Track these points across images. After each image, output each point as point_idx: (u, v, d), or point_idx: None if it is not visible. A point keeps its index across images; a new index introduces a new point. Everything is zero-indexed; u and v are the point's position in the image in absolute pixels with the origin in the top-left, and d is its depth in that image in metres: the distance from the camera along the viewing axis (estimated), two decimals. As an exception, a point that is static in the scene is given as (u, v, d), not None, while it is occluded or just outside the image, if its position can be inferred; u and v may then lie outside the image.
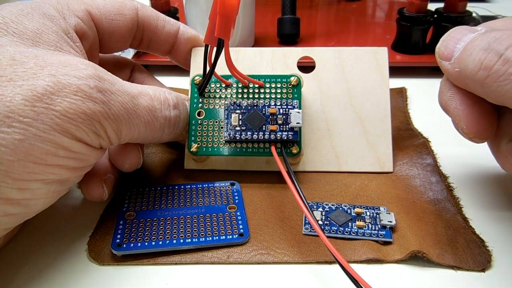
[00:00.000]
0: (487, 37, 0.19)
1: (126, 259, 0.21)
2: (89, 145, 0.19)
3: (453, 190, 0.25)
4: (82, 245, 0.22)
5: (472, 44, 0.19)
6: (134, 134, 0.22)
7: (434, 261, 0.20)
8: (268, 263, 0.21)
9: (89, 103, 0.18)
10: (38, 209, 0.19)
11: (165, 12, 0.39)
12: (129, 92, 0.21)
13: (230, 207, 0.24)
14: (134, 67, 0.30)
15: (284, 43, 0.43)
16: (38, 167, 0.17)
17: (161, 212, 0.23)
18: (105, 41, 0.25)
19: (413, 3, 0.38)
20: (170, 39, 0.28)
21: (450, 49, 0.21)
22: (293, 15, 0.42)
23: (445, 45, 0.21)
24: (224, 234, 0.22)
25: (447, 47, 0.21)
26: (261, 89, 0.26)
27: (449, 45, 0.21)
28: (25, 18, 0.20)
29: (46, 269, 0.21)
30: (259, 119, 0.24)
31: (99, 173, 0.24)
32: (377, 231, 0.22)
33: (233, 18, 0.21)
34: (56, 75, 0.18)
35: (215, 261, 0.21)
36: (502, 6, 0.56)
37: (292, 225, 0.23)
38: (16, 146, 0.17)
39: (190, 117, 0.26)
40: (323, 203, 0.24)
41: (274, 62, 0.28)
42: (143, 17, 0.26)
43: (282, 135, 0.24)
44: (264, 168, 0.27)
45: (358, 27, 0.49)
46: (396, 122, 0.31)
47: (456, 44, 0.20)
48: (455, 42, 0.20)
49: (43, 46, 0.20)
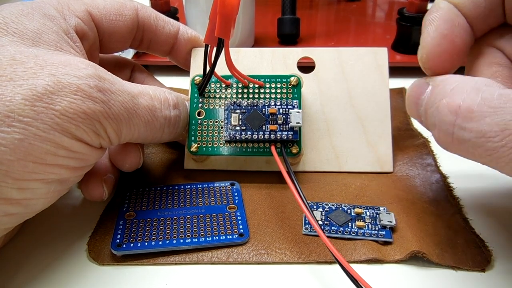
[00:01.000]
0: None
1: (126, 259, 0.21)
2: (89, 145, 0.19)
3: (453, 190, 0.25)
4: (82, 245, 0.22)
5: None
6: (134, 133, 0.22)
7: (434, 261, 0.20)
8: (268, 263, 0.21)
9: (89, 102, 0.18)
10: (38, 209, 0.19)
11: (165, 12, 0.39)
12: (129, 91, 0.21)
13: (230, 207, 0.24)
14: (134, 67, 0.30)
15: (284, 43, 0.43)
16: (38, 167, 0.17)
17: (161, 212, 0.23)
18: (105, 41, 0.25)
19: (413, 3, 0.38)
20: (170, 40, 0.28)
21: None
22: (293, 15, 0.42)
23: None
24: (224, 234, 0.22)
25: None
26: (261, 89, 0.26)
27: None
28: (25, 18, 0.20)
29: (46, 269, 0.21)
30: (259, 119, 0.24)
31: (99, 173, 0.24)
32: (377, 231, 0.22)
33: (233, 17, 0.21)
34: (56, 75, 0.18)
35: (215, 261, 0.21)
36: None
37: (292, 225, 0.23)
38: (16, 145, 0.17)
39: (190, 117, 0.26)
40: (323, 203, 0.24)
41: (274, 62, 0.28)
42: (143, 18, 0.26)
43: (282, 135, 0.24)
44: (264, 168, 0.27)
45: (358, 27, 0.49)
46: (396, 122, 0.31)
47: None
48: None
49: (43, 46, 0.20)
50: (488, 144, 0.16)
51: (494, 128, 0.16)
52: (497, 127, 0.15)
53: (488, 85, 0.17)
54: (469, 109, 0.16)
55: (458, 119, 0.17)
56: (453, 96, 0.17)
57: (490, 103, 0.16)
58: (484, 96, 0.16)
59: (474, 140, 0.16)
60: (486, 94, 0.16)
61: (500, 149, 0.16)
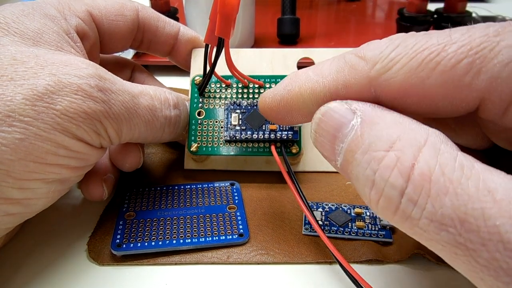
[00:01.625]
0: None
1: (126, 259, 0.21)
2: (90, 145, 0.19)
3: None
4: (81, 245, 0.22)
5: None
6: (135, 133, 0.22)
7: (434, 261, 0.20)
8: (268, 263, 0.21)
9: (89, 102, 0.18)
10: (38, 209, 0.19)
11: (164, 12, 0.39)
12: (130, 91, 0.21)
13: (230, 207, 0.24)
14: (135, 67, 0.30)
15: (284, 43, 0.43)
16: (38, 167, 0.18)
17: (161, 212, 0.23)
18: (105, 41, 0.25)
19: (413, 3, 0.38)
20: (170, 40, 0.28)
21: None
22: (293, 15, 0.42)
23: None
24: (224, 234, 0.22)
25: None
26: (261, 89, 0.26)
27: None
28: (26, 18, 0.20)
29: (46, 269, 0.21)
30: (259, 118, 0.24)
31: (99, 173, 0.24)
32: (377, 231, 0.22)
33: (233, 17, 0.21)
34: (57, 74, 0.18)
35: (215, 261, 0.21)
36: (502, 6, 0.56)
37: (292, 225, 0.23)
38: (17, 145, 0.17)
39: (190, 117, 0.26)
40: (323, 203, 0.24)
41: (274, 63, 0.28)
42: (144, 18, 0.26)
43: (282, 135, 0.24)
44: (264, 168, 0.27)
45: (358, 27, 0.49)
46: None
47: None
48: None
49: (44, 46, 0.20)
50: (442, 234, 0.12)
51: (452, 215, 0.12)
52: (455, 214, 0.12)
53: (445, 144, 0.13)
54: (425, 177, 0.12)
55: (410, 187, 0.12)
56: (404, 150, 0.13)
57: (450, 176, 0.12)
58: (443, 162, 0.12)
59: (426, 222, 0.12)
60: (444, 159, 0.12)
61: (456, 241, 0.12)
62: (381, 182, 0.13)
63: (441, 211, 0.12)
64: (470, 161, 0.12)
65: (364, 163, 0.13)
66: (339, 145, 0.15)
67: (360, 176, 0.14)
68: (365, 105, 0.15)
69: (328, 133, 0.15)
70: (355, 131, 0.14)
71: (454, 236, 0.12)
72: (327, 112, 0.15)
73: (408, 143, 0.13)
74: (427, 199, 0.12)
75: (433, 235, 0.12)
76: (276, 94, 0.18)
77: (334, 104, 0.15)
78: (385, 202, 0.13)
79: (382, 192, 0.13)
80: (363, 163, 0.13)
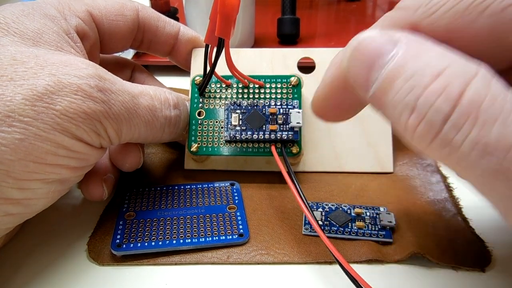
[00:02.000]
0: None
1: (126, 259, 0.21)
2: (90, 145, 0.19)
3: (453, 190, 0.25)
4: (81, 245, 0.22)
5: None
6: (135, 133, 0.22)
7: (434, 261, 0.20)
8: (268, 263, 0.21)
9: (89, 102, 0.18)
10: (38, 209, 0.19)
11: (164, 12, 0.39)
12: (130, 91, 0.21)
13: (230, 207, 0.24)
14: (135, 67, 0.30)
15: (284, 43, 0.43)
16: (38, 167, 0.18)
17: (161, 212, 0.23)
18: (105, 41, 0.25)
19: (413, 4, 0.38)
20: (171, 40, 0.28)
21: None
22: (293, 15, 0.42)
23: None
24: (224, 234, 0.22)
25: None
26: (261, 89, 0.26)
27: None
28: (26, 18, 0.20)
29: (46, 269, 0.21)
30: (259, 119, 0.24)
31: (99, 173, 0.24)
32: (377, 232, 0.22)
33: (233, 17, 0.21)
34: (57, 75, 0.18)
35: (215, 261, 0.21)
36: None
37: (292, 225, 0.23)
38: (17, 145, 0.17)
39: (191, 117, 0.26)
40: (323, 203, 0.24)
41: (274, 63, 0.28)
42: (144, 18, 0.26)
43: (282, 135, 0.24)
44: (264, 168, 0.27)
45: (358, 27, 0.49)
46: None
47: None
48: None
49: (44, 46, 0.20)
50: (483, 161, 0.12)
51: (498, 143, 0.12)
52: (501, 143, 0.12)
53: (497, 77, 0.13)
54: (475, 104, 0.12)
55: (456, 113, 0.12)
56: (453, 78, 0.13)
57: (501, 106, 0.12)
58: (494, 92, 0.12)
59: (468, 149, 0.12)
60: (496, 89, 0.12)
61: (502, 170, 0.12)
62: (424, 107, 0.13)
63: (487, 138, 0.12)
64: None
65: (406, 89, 0.13)
66: (376, 72, 0.14)
67: (398, 102, 0.13)
68: (410, 34, 0.14)
69: (363, 61, 0.14)
70: (397, 59, 0.13)
71: (495, 165, 0.12)
72: (364, 39, 0.15)
73: (458, 73, 0.12)
74: (473, 125, 0.12)
75: (472, 162, 0.12)
76: (323, 86, 0.18)
77: (374, 32, 0.14)
78: (425, 127, 0.13)
79: (424, 117, 0.13)
80: (404, 90, 0.13)
